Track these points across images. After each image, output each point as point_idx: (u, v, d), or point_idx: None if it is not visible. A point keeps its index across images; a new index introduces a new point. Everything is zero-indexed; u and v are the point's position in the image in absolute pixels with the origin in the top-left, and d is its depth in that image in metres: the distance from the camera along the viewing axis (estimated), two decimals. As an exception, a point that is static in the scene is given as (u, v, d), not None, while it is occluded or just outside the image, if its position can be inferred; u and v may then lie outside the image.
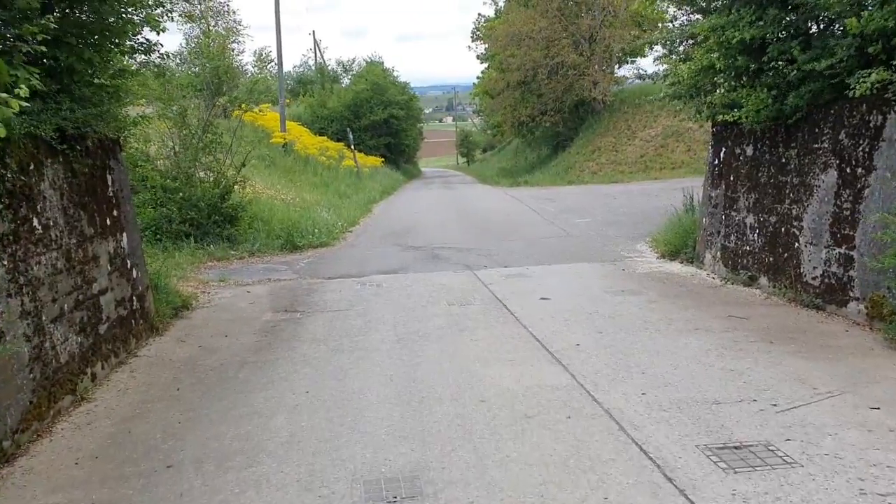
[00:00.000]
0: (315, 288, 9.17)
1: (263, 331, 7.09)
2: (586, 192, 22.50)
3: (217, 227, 12.15)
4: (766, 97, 7.39)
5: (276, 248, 12.20)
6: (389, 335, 6.70)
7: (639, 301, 7.67)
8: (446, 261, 10.93)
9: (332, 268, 10.66)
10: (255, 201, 15.15)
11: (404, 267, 10.51)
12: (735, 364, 5.40)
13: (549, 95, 33.93)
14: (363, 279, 9.65)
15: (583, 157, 31.81)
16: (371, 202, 22.85)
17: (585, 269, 9.77)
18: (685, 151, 28.20)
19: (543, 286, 8.63)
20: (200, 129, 12.61)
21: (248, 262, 11.30)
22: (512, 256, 11.04)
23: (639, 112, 32.27)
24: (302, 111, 45.01)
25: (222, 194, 12.38)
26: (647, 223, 13.75)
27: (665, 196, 19.03)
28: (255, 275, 10.24)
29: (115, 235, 6.50)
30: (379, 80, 44.49)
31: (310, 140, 32.69)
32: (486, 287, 8.75)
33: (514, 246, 12.12)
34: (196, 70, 30.01)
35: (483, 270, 9.92)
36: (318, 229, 13.54)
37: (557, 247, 11.83)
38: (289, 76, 67.53)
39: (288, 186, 22.04)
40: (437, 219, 17.34)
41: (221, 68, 31.32)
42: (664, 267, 9.64)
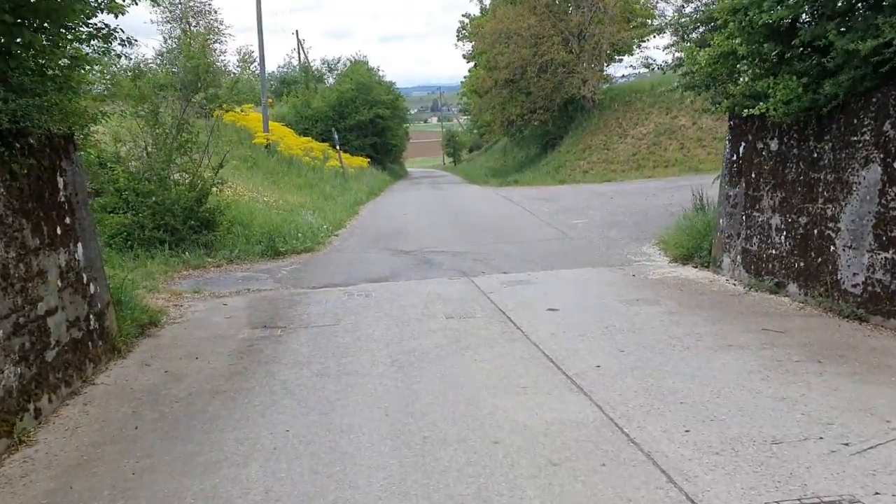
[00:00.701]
0: (298, 299, 8.37)
1: (239, 351, 6.28)
2: (580, 192, 21.79)
3: (193, 232, 11.31)
4: (796, 86, 6.67)
5: (256, 255, 11.36)
6: (382, 355, 5.92)
7: (658, 312, 6.92)
8: (440, 266, 10.15)
9: (316, 276, 9.85)
10: (236, 204, 14.31)
11: (395, 274, 9.72)
12: (786, 390, 4.66)
13: (539, 93, 33.22)
14: (351, 288, 8.86)
15: (573, 155, 31.13)
16: (357, 204, 22.04)
17: (592, 274, 9.02)
18: (678, 149, 27.59)
19: (549, 295, 7.87)
20: (175, 127, 11.75)
21: (227, 271, 10.47)
22: (510, 261, 10.28)
23: (630, 110, 31.65)
24: (286, 111, 44.16)
25: (199, 197, 11.53)
26: (650, 224, 13.06)
27: (663, 195, 18.39)
28: (232, 285, 9.41)
29: (67, 246, 5.67)
30: (364, 80, 43.67)
31: (294, 141, 31.85)
32: (487, 296, 7.98)
33: (511, 249, 11.36)
34: (176, 70, 29.19)
35: (481, 277, 9.16)
36: (302, 233, 12.72)
37: (558, 250, 11.09)
38: (273, 76, 66.63)
39: (271, 188, 21.23)
40: (427, 220, 16.56)
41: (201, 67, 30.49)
42: (678, 272, 8.90)
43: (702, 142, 27.42)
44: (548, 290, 8.13)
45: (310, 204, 19.48)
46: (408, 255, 11.41)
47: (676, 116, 29.32)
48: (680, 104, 29.75)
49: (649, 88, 32.66)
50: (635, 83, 36.20)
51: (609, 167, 28.40)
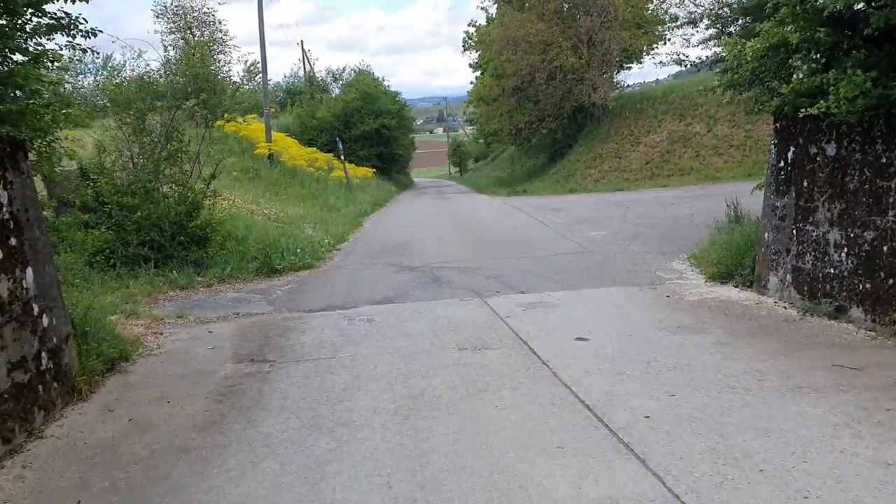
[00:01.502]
0: (292, 325, 7.46)
1: (219, 393, 5.37)
2: (594, 202, 20.86)
3: (182, 249, 10.43)
4: (862, 80, 5.76)
5: (250, 273, 10.47)
6: (384, 399, 5.00)
7: (705, 342, 5.99)
8: (449, 285, 9.24)
9: (314, 297, 8.95)
10: (232, 218, 13.45)
11: (400, 294, 8.81)
12: (887, 452, 3.73)
13: (547, 101, 32.38)
14: (351, 312, 7.95)
15: (584, 164, 30.24)
16: (362, 215, 21.16)
17: (621, 295, 8.09)
18: (693, 157, 26.67)
19: (575, 320, 6.95)
20: (163, 136, 10.90)
21: (216, 291, 9.58)
22: (527, 278, 9.37)
23: (641, 117, 30.77)
24: (291, 122, 43.48)
25: (189, 211, 10.66)
26: (675, 236, 12.14)
27: (683, 205, 17.46)
28: (221, 308, 8.52)
29: (11, 272, 4.78)
30: (369, 90, 42.94)
31: (298, 151, 31.09)
32: (504, 322, 7.06)
33: (526, 265, 10.44)
34: (179, 80, 28.27)
35: (496, 298, 8.24)
36: (301, 248, 11.82)
37: (577, 266, 10.17)
38: (278, 87, 66.18)
39: (272, 200, 20.41)
40: (434, 233, 15.66)
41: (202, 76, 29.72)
42: (717, 293, 7.95)
43: (717, 150, 26.51)
44: (573, 315, 7.20)
45: (312, 216, 18.64)
46: (414, 271, 10.50)
47: (690, 123, 28.43)
48: (694, 110, 28.91)
49: (661, 95, 31.83)
50: (646, 90, 35.38)
51: (621, 176, 27.50)
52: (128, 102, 10.43)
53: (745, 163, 25.27)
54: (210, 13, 39.21)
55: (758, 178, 24.17)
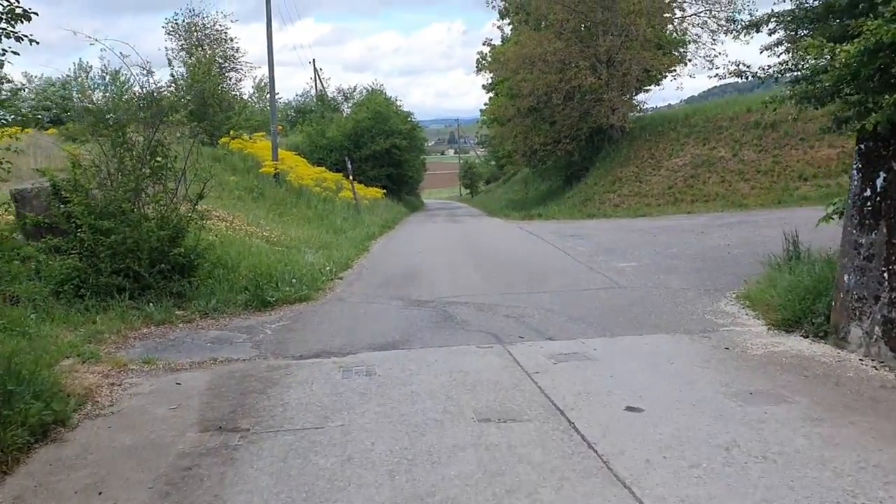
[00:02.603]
0: (276, 377, 6.22)
1: (169, 481, 4.13)
2: (616, 228, 19.61)
3: (163, 279, 9.23)
4: None
5: (238, 306, 9.25)
6: (382, 500, 3.75)
7: (791, 417, 4.71)
8: (464, 326, 7.99)
9: (307, 338, 7.71)
10: (226, 241, 12.30)
11: (407, 337, 7.56)
12: None
13: (564, 122, 31.28)
14: (348, 360, 6.70)
15: (602, 188, 29.02)
16: (369, 238, 19.99)
17: (670, 345, 6.81)
18: (719, 183, 25.41)
19: (621, 380, 5.68)
20: (146, 150, 9.75)
21: (197, 328, 8.37)
22: (553, 320, 8.12)
23: (663, 140, 29.60)
24: (300, 140, 42.66)
25: (172, 236, 9.48)
26: (715, 270, 10.88)
27: (715, 233, 16.18)
28: (198, 350, 7.30)
29: None
30: (381, 109, 42.06)
31: (305, 170, 30.08)
32: (532, 379, 5.80)
33: (550, 301, 9.20)
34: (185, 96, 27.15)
35: (519, 345, 6.98)
36: (298, 277, 10.62)
37: (610, 305, 8.91)
38: (289, 106, 65.65)
39: (275, 221, 19.28)
40: (445, 260, 14.43)
41: (208, 91, 28.71)
42: (786, 345, 6.65)
43: (744, 175, 25.25)
44: (616, 372, 5.93)
45: (316, 239, 17.49)
46: (423, 306, 9.27)
47: (715, 147, 27.22)
48: (718, 134, 27.72)
49: (683, 118, 30.69)
50: (667, 112, 34.27)
51: (642, 201, 26.25)
52: (101, 112, 9.31)
53: (774, 189, 24.00)
54: (223, 30, 38.59)
55: (788, 205, 22.93)
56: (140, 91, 11.37)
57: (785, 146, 25.73)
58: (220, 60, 39.52)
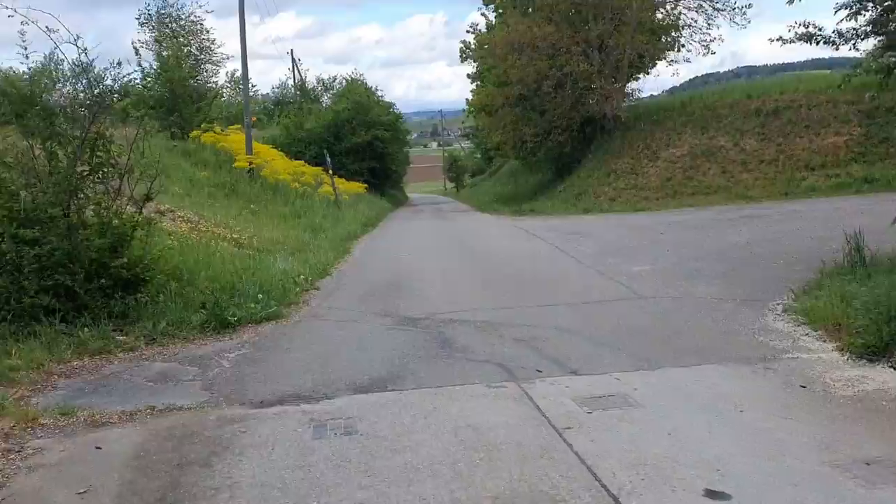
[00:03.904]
0: (227, 437, 4.74)
1: None
2: (617, 225, 18.26)
3: (102, 296, 7.70)
4: None
5: (192, 329, 7.73)
6: None
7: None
8: (466, 354, 6.55)
9: (271, 373, 6.23)
10: (185, 248, 10.79)
11: (397, 372, 6.09)
12: None
13: (555, 111, 29.82)
14: (322, 409, 5.23)
15: (596, 181, 27.63)
16: (350, 238, 18.52)
17: (729, 382, 5.38)
18: (720, 174, 24.13)
19: (684, 441, 4.25)
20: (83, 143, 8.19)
21: (139, 359, 6.86)
22: (573, 343, 6.71)
23: (659, 129, 28.21)
24: (278, 133, 40.97)
25: (114, 245, 7.96)
26: (744, 275, 9.58)
27: (728, 230, 14.83)
28: (134, 393, 5.81)
29: None
30: (361, 99, 40.52)
31: (283, 164, 28.47)
32: (563, 439, 4.38)
33: (565, 318, 7.79)
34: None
35: (538, 383, 5.54)
36: (267, 290, 9.13)
37: (635, 321, 7.51)
38: (267, 98, 63.83)
39: (247, 220, 17.71)
40: (437, 264, 12.98)
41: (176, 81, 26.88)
42: (876, 379, 5.21)
43: (747, 165, 23.99)
44: (674, 427, 4.49)
45: (292, 240, 15.98)
46: (415, 326, 7.81)
47: (714, 136, 25.90)
48: (717, 122, 26.39)
49: (679, 106, 29.34)
50: (663, 100, 32.99)
51: (639, 194, 24.90)
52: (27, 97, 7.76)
53: (779, 180, 22.77)
54: (197, 22, 36.86)
55: (796, 197, 21.63)
56: (112, 84, 9.85)
57: (789, 134, 24.51)
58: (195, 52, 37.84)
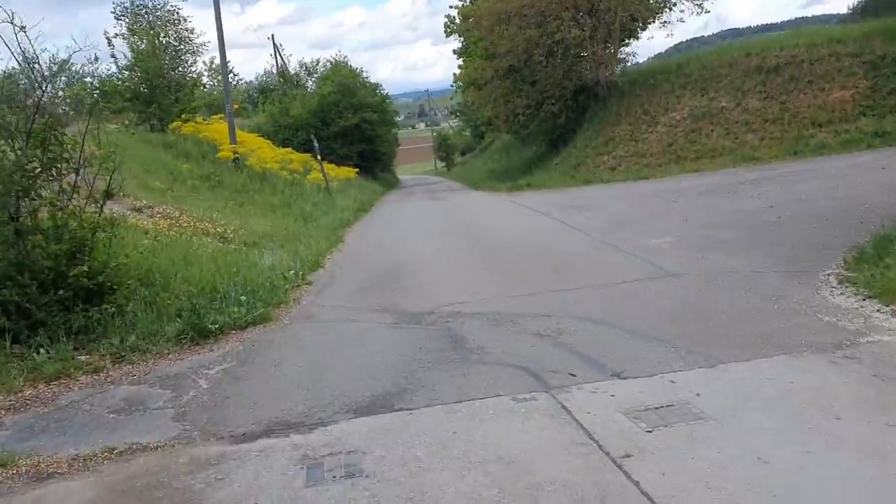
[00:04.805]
0: (199, 488, 3.77)
1: None
2: (623, 195, 17.27)
3: (61, 310, 6.73)
4: None
5: (168, 341, 6.77)
6: None
7: None
8: (482, 356, 5.59)
9: (256, 394, 5.26)
10: (168, 245, 9.84)
11: (404, 385, 5.12)
12: None
13: (546, 81, 28.69)
14: (316, 440, 4.28)
15: (594, 150, 26.57)
16: (343, 226, 17.51)
17: (808, 378, 4.42)
18: (724, 136, 23.08)
19: (783, 471, 3.32)
20: (32, 137, 7.16)
21: (104, 382, 5.89)
22: (606, 336, 5.76)
23: (656, 93, 27.09)
24: (263, 121, 39.80)
25: (71, 252, 6.97)
26: (777, 242, 8.69)
27: (743, 193, 13.84)
28: (92, 428, 4.85)
29: None
30: (347, 82, 39.29)
31: (269, 152, 27.40)
32: (625, 473, 3.43)
33: (590, 304, 6.85)
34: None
35: (575, 391, 4.59)
36: (253, 289, 8.17)
37: (672, 304, 6.57)
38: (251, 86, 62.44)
39: (234, 212, 16.72)
40: (436, 249, 12.01)
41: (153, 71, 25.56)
42: None
43: (751, 126, 22.93)
44: (765, 450, 3.54)
45: (281, 231, 15.01)
46: (420, 323, 6.86)
47: (715, 97, 24.81)
48: (717, 82, 25.37)
49: (676, 68, 28.18)
50: (658, 63, 31.84)
51: (640, 162, 23.88)
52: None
53: (786, 139, 21.74)
54: (174, 11, 35.49)
55: (805, 156, 20.65)
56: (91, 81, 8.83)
57: (792, 91, 23.45)
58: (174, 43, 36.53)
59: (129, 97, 25.72)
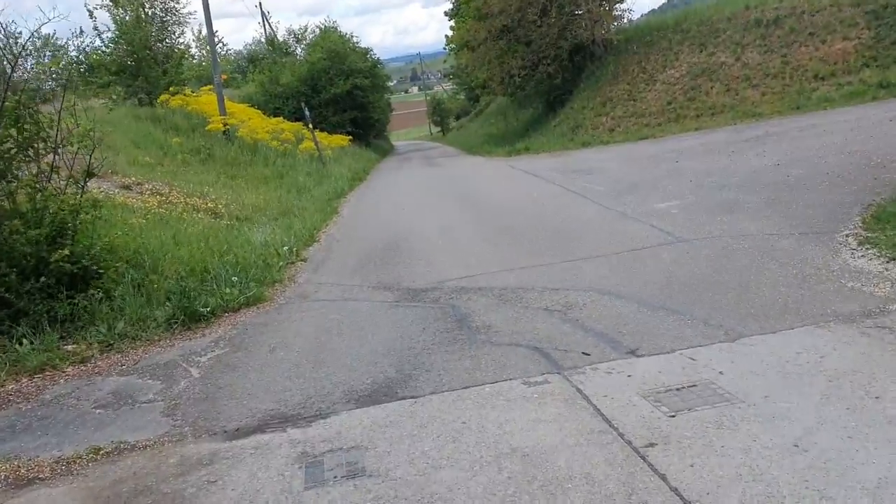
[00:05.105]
0: (190, 496, 3.50)
1: None
2: (625, 157, 16.88)
3: (46, 297, 6.42)
4: None
5: (157, 327, 6.48)
6: None
7: None
8: (490, 336, 5.29)
9: (250, 383, 4.97)
10: (158, 223, 9.51)
11: (408, 370, 4.84)
12: None
13: (541, 41, 28.06)
14: (315, 434, 3.99)
15: (592, 111, 26.08)
16: (338, 196, 17.17)
17: (839, 352, 4.12)
18: (724, 92, 22.58)
19: (823, 458, 3.04)
20: (4, 117, 6.78)
21: (91, 374, 5.60)
22: (618, 309, 5.46)
23: (653, 51, 26.51)
24: (253, 91, 39.06)
25: (52, 235, 6.64)
26: (789, 202, 8.36)
27: (748, 151, 13.47)
28: (77, 426, 4.56)
29: None
30: (337, 48, 38.46)
31: (260, 123, 26.85)
32: (648, 464, 3.15)
33: (597, 274, 6.55)
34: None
35: (590, 373, 4.31)
36: (245, 267, 7.87)
37: (685, 272, 6.26)
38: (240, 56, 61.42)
39: (225, 186, 16.33)
40: (436, 219, 11.66)
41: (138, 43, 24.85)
42: None
43: (751, 81, 22.41)
44: (800, 434, 3.26)
45: (275, 203, 14.67)
46: (422, 300, 6.56)
47: (713, 53, 24.26)
48: (716, 38, 24.78)
49: (673, 24, 27.53)
50: (654, 20, 31.12)
51: (640, 122, 23.42)
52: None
53: (788, 93, 21.24)
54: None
55: (808, 109, 20.17)
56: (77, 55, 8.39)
57: (793, 44, 22.88)
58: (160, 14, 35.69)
59: (115, 71, 25.12)
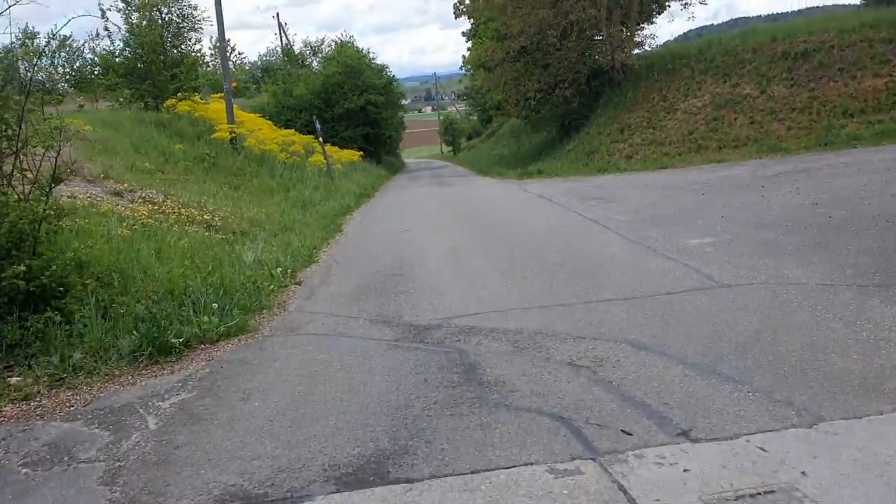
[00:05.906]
0: None
1: None
2: (645, 185, 16.04)
3: (-5, 318, 5.60)
4: None
5: (121, 358, 5.63)
6: None
7: None
8: (504, 397, 4.41)
9: (214, 447, 4.08)
10: (144, 235, 8.69)
11: (404, 440, 3.96)
12: None
13: (560, 65, 27.41)
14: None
15: (609, 137, 25.32)
16: (343, 213, 16.38)
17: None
18: (748, 125, 21.81)
19: None
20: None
21: (31, 416, 4.73)
22: (665, 372, 4.57)
23: (674, 79, 25.80)
24: (266, 101, 38.52)
25: (7, 249, 5.81)
26: (837, 245, 7.49)
27: (779, 188, 12.59)
28: (-6, 492, 3.72)
29: None
30: (352, 63, 37.92)
31: (270, 134, 26.18)
32: None
33: (633, 324, 5.66)
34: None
35: (636, 462, 3.42)
36: (232, 291, 7.02)
37: (739, 329, 5.35)
38: (255, 66, 61.17)
39: (227, 197, 15.57)
40: (443, 243, 10.81)
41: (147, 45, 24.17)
42: None
43: (777, 115, 21.64)
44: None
45: (276, 218, 13.88)
46: (424, 342, 5.70)
47: (738, 84, 23.51)
48: (741, 68, 24.02)
49: (696, 52, 26.80)
50: (676, 47, 30.41)
51: (659, 150, 22.65)
52: None
53: (815, 129, 20.44)
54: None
55: (836, 147, 19.29)
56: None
57: (821, 78, 22.12)
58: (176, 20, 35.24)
59: (123, 73, 24.53)
